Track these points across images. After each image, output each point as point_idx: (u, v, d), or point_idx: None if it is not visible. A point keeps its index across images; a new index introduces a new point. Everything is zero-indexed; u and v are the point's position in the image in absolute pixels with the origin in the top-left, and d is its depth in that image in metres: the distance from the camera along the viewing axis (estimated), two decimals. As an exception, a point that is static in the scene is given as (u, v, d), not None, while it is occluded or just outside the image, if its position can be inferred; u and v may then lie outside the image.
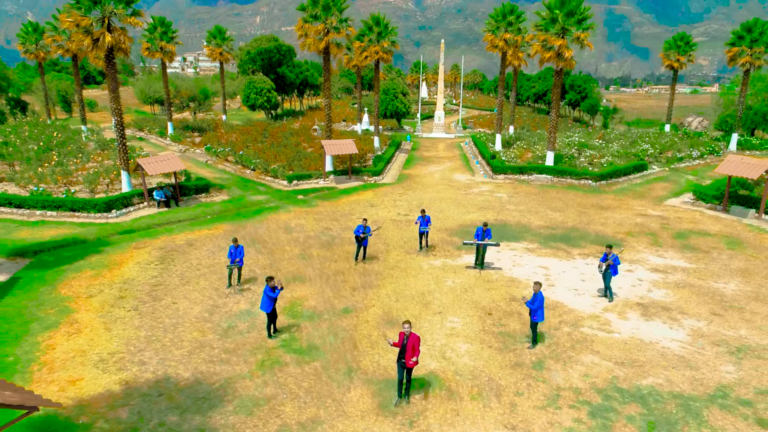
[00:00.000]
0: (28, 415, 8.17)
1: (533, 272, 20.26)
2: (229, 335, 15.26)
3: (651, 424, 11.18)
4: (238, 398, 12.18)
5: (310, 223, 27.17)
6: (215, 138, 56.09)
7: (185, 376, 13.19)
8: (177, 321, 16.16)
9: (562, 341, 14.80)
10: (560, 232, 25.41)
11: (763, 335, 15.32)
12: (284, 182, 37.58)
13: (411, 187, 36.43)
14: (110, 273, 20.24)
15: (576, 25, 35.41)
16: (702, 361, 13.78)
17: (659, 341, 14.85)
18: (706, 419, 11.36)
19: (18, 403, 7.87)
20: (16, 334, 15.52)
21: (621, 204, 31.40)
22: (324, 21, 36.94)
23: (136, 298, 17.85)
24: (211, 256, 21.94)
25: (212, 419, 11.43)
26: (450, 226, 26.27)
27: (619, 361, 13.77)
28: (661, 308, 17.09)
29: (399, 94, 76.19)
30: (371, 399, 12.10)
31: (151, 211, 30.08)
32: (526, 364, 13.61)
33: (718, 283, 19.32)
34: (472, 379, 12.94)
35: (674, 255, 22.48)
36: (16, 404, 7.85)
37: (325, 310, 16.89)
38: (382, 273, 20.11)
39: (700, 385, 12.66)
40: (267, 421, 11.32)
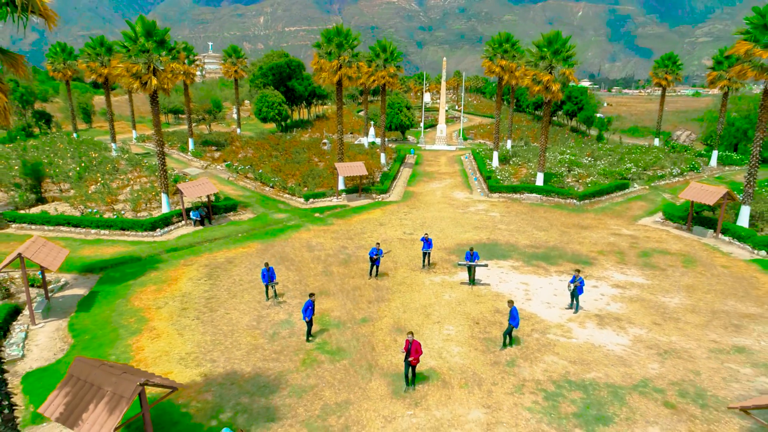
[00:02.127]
0: (172, 393, 12.72)
1: (515, 288, 24.75)
2: (275, 340, 19.80)
3: (587, 405, 15.66)
4: (289, 386, 16.72)
5: (328, 242, 31.69)
6: (232, 152, 60.88)
7: (247, 370, 17.73)
8: (232, 328, 20.71)
9: (531, 345, 19.28)
10: (542, 251, 29.88)
11: (688, 341, 19.76)
12: (301, 200, 42.14)
13: (415, 205, 40.91)
14: (169, 288, 24.82)
15: (562, 62, 39.81)
16: (635, 360, 18.24)
17: (606, 345, 19.33)
18: (627, 402, 15.83)
19: (168, 384, 12.43)
20: (110, 338, 20.08)
21: (599, 223, 35.84)
22: (338, 57, 41.47)
23: (196, 309, 22.41)
24: (250, 273, 26.48)
25: (273, 400, 15.96)
26: (448, 245, 30.75)
27: (573, 360, 18.25)
28: (613, 319, 21.56)
29: (403, 107, 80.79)
30: (387, 387, 16.62)
31: (188, 229, 34.68)
32: (502, 362, 18.10)
33: (665, 298, 23.76)
34: (461, 373, 17.44)
35: (635, 272, 26.92)
36: (167, 384, 12.41)
37: (348, 319, 21.43)
38: (391, 288, 24.63)
39: (629, 378, 17.12)
40: (313, 402, 15.86)
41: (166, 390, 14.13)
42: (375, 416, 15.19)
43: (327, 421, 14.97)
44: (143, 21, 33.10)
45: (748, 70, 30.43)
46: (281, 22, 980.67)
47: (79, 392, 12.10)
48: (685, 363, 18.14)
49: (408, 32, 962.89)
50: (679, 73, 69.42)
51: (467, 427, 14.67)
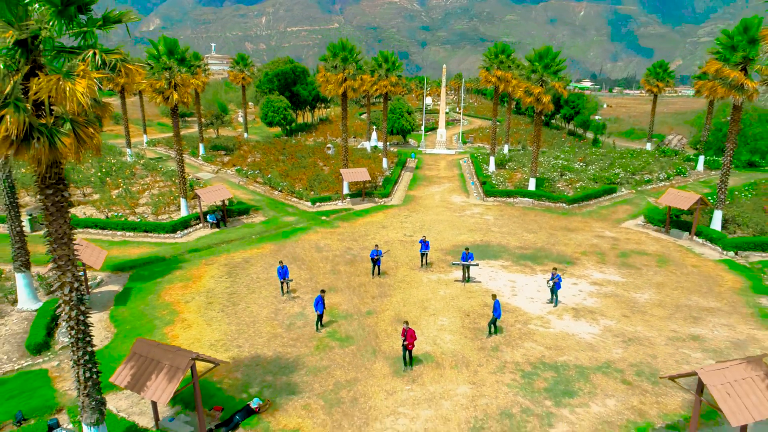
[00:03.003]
0: (215, 368, 15.71)
1: (504, 285, 27.70)
2: (291, 329, 22.78)
3: (557, 382, 18.60)
4: (306, 367, 19.69)
5: (335, 243, 34.67)
6: (241, 157, 63.91)
7: (269, 354, 20.71)
8: (254, 319, 23.70)
9: (514, 334, 22.24)
10: (530, 252, 32.81)
11: (651, 330, 22.69)
12: (308, 203, 45.12)
13: (415, 209, 43.85)
14: (194, 284, 27.83)
15: (552, 75, 42.72)
16: (602, 346, 21.19)
17: (578, 334, 22.27)
18: (590, 380, 18.77)
19: (212, 360, 15.42)
20: (147, 328, 23.08)
21: (585, 226, 38.75)
22: (342, 70, 44.44)
23: (220, 304, 25.40)
24: (265, 272, 29.47)
25: (293, 378, 18.94)
26: (445, 247, 33.69)
27: (548, 346, 21.20)
28: (588, 312, 24.51)
29: (404, 113, 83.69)
30: (389, 368, 19.59)
31: (206, 231, 37.68)
32: (487, 348, 21.06)
33: (636, 294, 26.69)
34: (452, 356, 20.40)
35: (613, 271, 29.85)
36: (211, 360, 15.40)
37: (354, 312, 24.40)
38: (392, 285, 27.60)
39: (595, 360, 20.07)
40: (326, 379, 18.83)
41: (208, 366, 17.09)
42: (379, 390, 18.16)
43: (339, 394, 17.95)
44: (166, 40, 36.09)
45: (719, 87, 33.31)
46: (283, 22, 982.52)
47: (142, 365, 15.09)
48: (645, 348, 21.08)
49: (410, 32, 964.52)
50: (671, 81, 72.36)
51: (456, 399, 17.63)
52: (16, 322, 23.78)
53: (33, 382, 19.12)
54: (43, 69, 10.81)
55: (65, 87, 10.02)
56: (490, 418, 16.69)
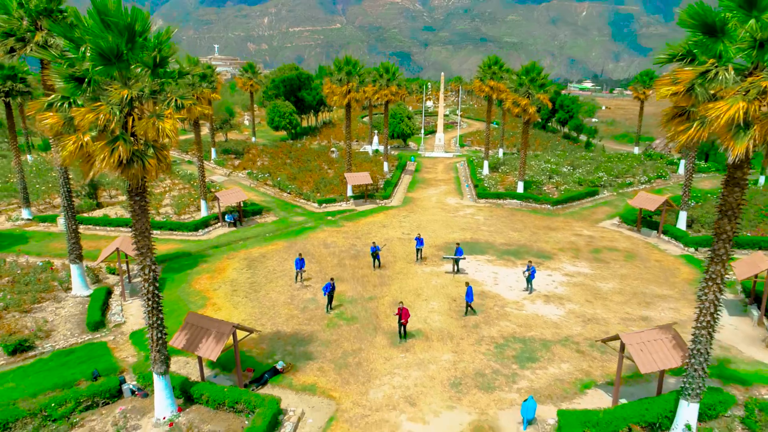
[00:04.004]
0: (249, 335, 20.01)
1: (487, 276, 31.97)
2: (305, 311, 27.07)
3: (523, 351, 22.87)
4: (319, 340, 23.98)
5: (340, 240, 38.95)
6: (250, 161, 68.28)
7: (288, 331, 25.00)
8: (273, 304, 27.99)
9: (492, 315, 26.51)
10: (513, 248, 37.06)
11: (608, 313, 26.93)
12: (315, 205, 49.39)
13: (413, 210, 48.13)
14: (220, 275, 32.14)
15: (537, 88, 46.96)
16: (564, 325, 25.45)
17: (547, 315, 26.53)
18: (551, 350, 23.03)
19: (249, 329, 19.71)
20: (184, 310, 27.33)
21: (565, 225, 42.99)
22: (347, 83, 48.75)
23: (244, 291, 29.71)
24: (280, 265, 33.76)
25: (308, 348, 23.23)
26: (438, 243, 37.94)
27: (520, 324, 25.46)
28: (557, 298, 28.76)
29: (405, 117, 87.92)
30: (387, 340, 23.87)
31: (224, 230, 41.97)
32: (469, 326, 25.34)
33: (602, 284, 30.93)
34: (439, 332, 24.67)
35: (584, 265, 34.09)
36: (249, 329, 19.70)
37: (358, 298, 28.69)
38: (391, 276, 31.88)
39: (557, 335, 24.32)
40: (336, 349, 23.12)
41: (245, 334, 21.35)
42: (378, 357, 22.47)
43: (347, 360, 22.25)
44: (189, 59, 40.39)
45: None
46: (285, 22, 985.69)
47: (193, 332, 19.39)
48: (601, 327, 25.33)
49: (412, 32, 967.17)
50: (656, 88, 76.40)
51: (440, 363, 21.93)
52: (72, 305, 28.10)
53: (96, 351, 23.45)
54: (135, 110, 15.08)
55: (158, 126, 14.29)
56: (466, 377, 20.98)
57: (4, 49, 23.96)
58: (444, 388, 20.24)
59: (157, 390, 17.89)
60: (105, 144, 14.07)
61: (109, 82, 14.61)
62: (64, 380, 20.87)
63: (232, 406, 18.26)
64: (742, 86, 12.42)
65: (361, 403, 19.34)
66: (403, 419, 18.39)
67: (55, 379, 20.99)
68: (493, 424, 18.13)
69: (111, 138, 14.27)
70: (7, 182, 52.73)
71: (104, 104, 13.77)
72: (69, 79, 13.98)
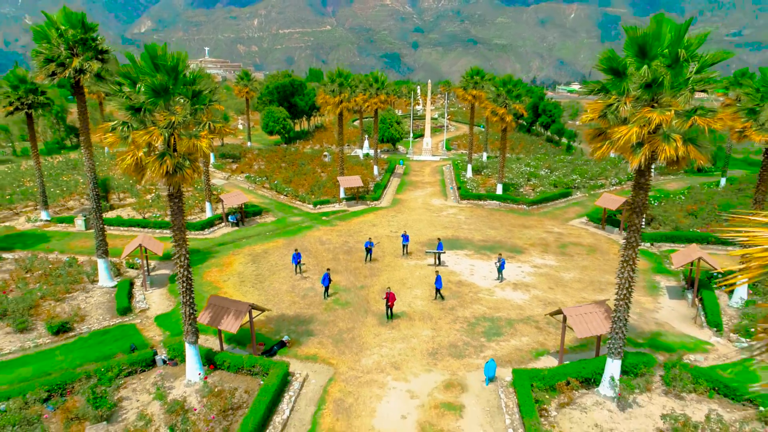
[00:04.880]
0: (262, 313, 24.15)
1: (465, 268, 36.26)
2: (305, 298, 31.21)
3: (491, 328, 27.17)
4: (318, 321, 28.14)
5: (334, 238, 43.10)
6: (247, 164, 72.29)
7: (291, 314, 29.13)
8: (276, 292, 32.10)
9: (467, 300, 30.81)
10: (489, 244, 41.41)
11: (566, 297, 31.31)
12: (310, 206, 53.49)
13: (401, 210, 52.40)
14: (228, 269, 36.19)
15: (513, 99, 51.43)
16: (527, 307, 29.80)
17: (513, 299, 30.87)
18: (514, 326, 27.36)
19: (262, 308, 23.84)
20: (199, 299, 31.21)
21: (538, 224, 47.43)
22: (339, 94, 52.94)
23: (250, 282, 33.78)
24: (281, 259, 37.84)
25: (309, 327, 27.37)
26: (422, 240, 42.21)
27: (490, 307, 29.78)
28: (524, 285, 33.13)
29: (394, 122, 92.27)
30: (376, 320, 28.09)
31: (228, 230, 45.96)
32: (447, 308, 29.62)
33: (564, 274, 35.34)
34: (421, 313, 28.92)
35: (551, 258, 38.49)
36: (262, 308, 23.82)
37: (351, 287, 32.88)
38: (380, 268, 36.10)
39: (520, 315, 28.66)
40: (332, 328, 27.29)
41: (257, 313, 25.43)
42: (369, 333, 26.68)
43: (342, 336, 26.44)
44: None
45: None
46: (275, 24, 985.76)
47: (215, 311, 23.48)
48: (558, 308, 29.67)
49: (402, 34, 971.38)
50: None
51: (421, 338, 26.19)
52: (100, 295, 32.03)
53: (127, 332, 27.45)
54: (176, 132, 19.18)
55: (196, 144, 18.42)
56: (442, 348, 25.26)
57: (46, 72, 27.90)
58: (423, 357, 24.51)
59: (189, 356, 21.97)
60: (156, 158, 18.18)
61: (156, 110, 18.71)
62: (104, 354, 24.87)
63: (249, 369, 22.40)
64: (636, 117, 16.77)
65: (354, 367, 23.56)
66: (389, 379, 22.62)
67: (96, 353, 24.99)
68: (462, 382, 22.40)
69: (159, 153, 18.37)
70: (20, 186, 56.41)
71: (156, 128, 17.86)
72: (129, 108, 18.07)
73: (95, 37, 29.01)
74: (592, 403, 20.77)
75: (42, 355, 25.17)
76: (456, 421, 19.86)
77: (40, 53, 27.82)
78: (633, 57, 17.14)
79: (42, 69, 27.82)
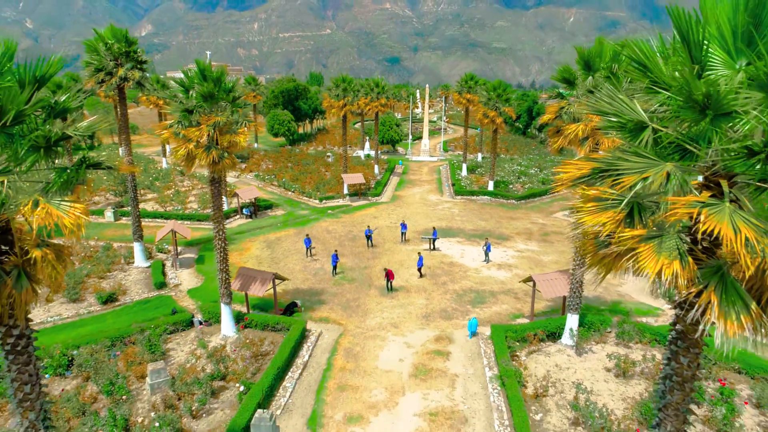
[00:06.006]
0: (283, 282, 28.83)
1: (456, 252, 40.92)
2: (316, 275, 35.89)
3: (476, 298, 31.84)
4: (328, 293, 32.82)
5: (339, 228, 47.78)
6: (255, 164, 77.00)
7: (305, 288, 33.79)
8: (291, 271, 36.76)
9: (457, 277, 35.49)
10: (479, 233, 46.11)
11: (544, 275, 35.96)
12: (317, 201, 58.18)
13: (400, 205, 57.11)
14: (246, 252, 40.85)
15: (504, 102, 56.18)
16: (509, 282, 34.48)
17: (497, 276, 35.55)
18: (497, 297, 32.04)
19: (284, 277, 28.52)
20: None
21: (525, 216, 52.14)
22: (343, 98, 57.72)
23: (267, 263, 38.44)
24: (293, 245, 42.52)
25: (321, 297, 32.05)
26: (419, 230, 46.89)
27: (476, 282, 34.46)
28: (508, 266, 37.81)
29: (393, 125, 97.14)
30: (378, 293, 32.77)
31: (242, 221, 50.64)
32: (439, 283, 34.31)
33: (543, 257, 40.01)
34: (416, 287, 33.60)
35: (534, 244, 43.16)
36: (283, 277, 28.51)
37: (356, 267, 37.55)
38: (381, 252, 40.78)
39: (502, 288, 33.34)
40: (341, 298, 31.97)
41: (279, 281, 30.07)
42: (372, 302, 31.37)
43: (349, 304, 31.12)
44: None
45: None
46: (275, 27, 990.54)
47: (245, 279, 28.15)
48: (535, 284, 34.35)
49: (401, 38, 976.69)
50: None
51: (416, 305, 30.87)
52: (137, 273, 36.69)
53: (165, 302, 32.09)
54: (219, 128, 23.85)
55: (236, 139, 23.13)
56: (434, 312, 29.95)
57: (96, 79, 32.64)
58: (418, 318, 29.21)
59: (224, 315, 26.64)
60: (203, 150, 22.89)
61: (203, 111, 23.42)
62: (148, 318, 29.49)
63: (274, 326, 27.07)
64: (583, 117, 21.48)
65: (360, 326, 28.25)
66: (389, 334, 27.31)
67: (141, 317, 29.62)
68: (449, 336, 27.08)
69: (206, 146, 23.10)
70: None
71: (205, 126, 22.57)
72: (183, 111, 22.78)
73: (136, 50, 33.76)
74: (555, 350, 25.44)
75: (95, 319, 29.84)
76: (444, 363, 24.54)
77: (90, 64, 32.57)
78: (581, 70, 21.86)
79: (93, 77, 32.54)
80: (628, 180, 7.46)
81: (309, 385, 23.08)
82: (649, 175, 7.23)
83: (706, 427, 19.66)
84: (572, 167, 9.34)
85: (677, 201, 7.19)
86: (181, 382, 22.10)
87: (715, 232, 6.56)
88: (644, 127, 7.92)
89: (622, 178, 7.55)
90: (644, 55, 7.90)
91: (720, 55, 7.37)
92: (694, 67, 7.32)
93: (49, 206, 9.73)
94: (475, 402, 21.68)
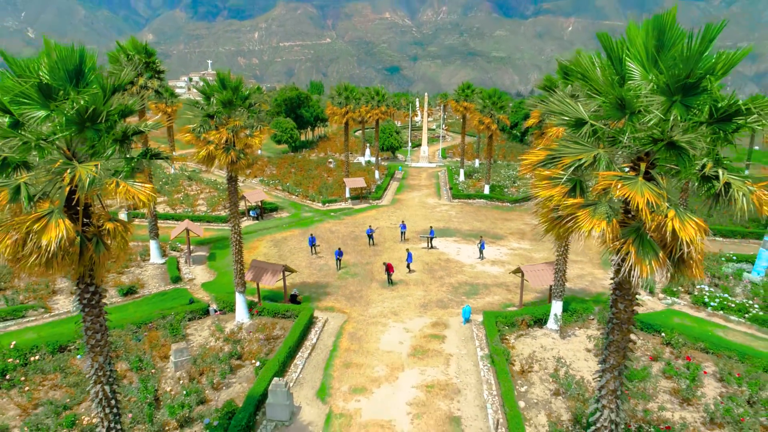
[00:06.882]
0: (291, 273, 31.31)
1: (453, 250, 43.40)
2: (321, 271, 38.35)
3: (470, 290, 34.31)
4: (333, 285, 35.28)
5: (342, 228, 50.28)
6: (259, 169, 79.58)
7: (311, 282, 36.24)
8: (297, 267, 39.20)
9: (453, 272, 37.96)
10: (474, 232, 48.61)
11: (534, 270, 38.43)
12: (320, 204, 60.72)
13: (399, 207, 59.66)
14: (255, 251, 43.33)
15: (498, 110, 58.88)
16: (502, 276, 36.95)
17: (491, 272, 38.02)
18: (489, 289, 34.50)
19: (292, 269, 31.00)
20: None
21: (518, 218, 54.66)
22: (345, 105, 60.43)
23: (274, 260, 40.86)
24: (299, 244, 45.00)
25: (325, 290, 34.50)
26: (417, 230, 49.40)
27: (471, 276, 36.92)
28: (501, 262, 40.28)
29: (393, 132, 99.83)
30: (379, 286, 35.23)
31: (249, 222, 53.13)
32: (436, 277, 36.77)
33: (535, 254, 42.48)
34: (415, 281, 36.06)
35: (526, 243, 45.65)
36: (292, 269, 30.98)
37: (358, 263, 40.02)
38: (382, 250, 43.26)
39: (495, 282, 35.80)
40: (345, 290, 34.43)
41: (288, 273, 32.51)
42: (374, 293, 33.83)
43: (353, 295, 33.58)
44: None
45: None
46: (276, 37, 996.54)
47: (257, 270, 30.61)
48: (526, 278, 36.82)
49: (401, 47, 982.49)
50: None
51: (415, 296, 33.32)
52: (153, 269, 39.15)
53: (181, 294, 34.53)
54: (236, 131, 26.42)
55: (251, 141, 25.69)
56: (431, 302, 32.41)
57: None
58: (416, 308, 31.66)
59: (238, 302, 29.09)
60: (223, 151, 25.46)
61: (222, 116, 26.00)
62: (167, 307, 31.92)
63: (284, 314, 29.52)
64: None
65: (363, 314, 30.70)
66: (390, 321, 29.75)
67: (160, 307, 32.04)
68: (445, 323, 29.53)
69: (225, 148, 25.67)
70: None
71: (225, 129, 25.15)
72: (205, 116, 25.36)
73: (155, 60, 36.44)
74: (541, 334, 27.89)
75: (117, 309, 32.22)
76: (439, 345, 26.98)
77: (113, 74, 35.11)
78: (561, 79, 24.48)
79: (115, 86, 35.08)
80: (566, 160, 9.99)
81: (317, 363, 25.51)
82: (582, 157, 9.73)
83: (673, 396, 22.09)
84: (532, 155, 11.90)
85: (606, 175, 9.71)
86: (202, 360, 24.53)
87: (626, 196, 9.06)
88: (584, 122, 10.45)
89: (563, 159, 10.07)
90: (584, 68, 10.45)
91: (638, 68, 9.90)
92: (616, 78, 9.85)
93: (127, 185, 12.10)
94: (467, 377, 24.10)
